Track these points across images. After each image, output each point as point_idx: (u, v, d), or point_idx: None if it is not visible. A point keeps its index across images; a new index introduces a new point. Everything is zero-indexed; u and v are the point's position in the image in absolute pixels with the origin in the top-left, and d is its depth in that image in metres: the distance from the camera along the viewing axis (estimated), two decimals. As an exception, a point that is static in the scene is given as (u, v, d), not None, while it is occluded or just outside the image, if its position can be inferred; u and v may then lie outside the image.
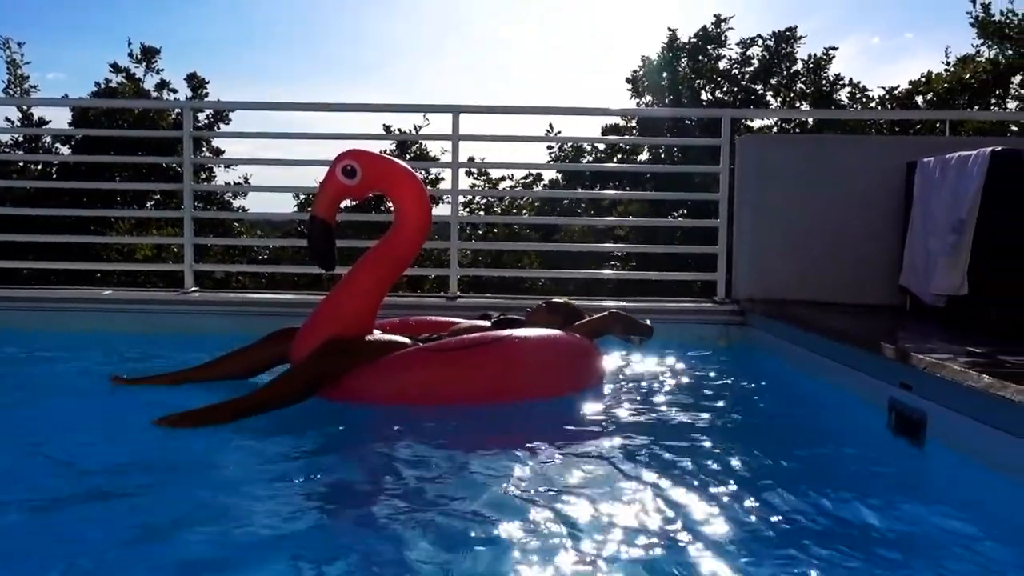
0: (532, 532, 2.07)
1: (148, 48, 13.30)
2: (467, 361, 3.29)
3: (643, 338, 3.79)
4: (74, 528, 2.09)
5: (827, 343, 3.66)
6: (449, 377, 3.25)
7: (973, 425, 2.48)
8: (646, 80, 14.87)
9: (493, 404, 3.28)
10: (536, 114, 8.56)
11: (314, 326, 3.32)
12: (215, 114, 12.29)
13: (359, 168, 3.36)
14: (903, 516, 2.23)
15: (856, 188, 4.88)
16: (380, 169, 3.49)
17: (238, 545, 2.02)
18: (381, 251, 3.50)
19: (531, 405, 3.33)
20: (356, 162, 3.37)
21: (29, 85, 12.86)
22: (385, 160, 3.62)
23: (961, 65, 13.45)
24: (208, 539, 2.04)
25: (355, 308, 3.38)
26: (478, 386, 3.28)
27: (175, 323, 4.90)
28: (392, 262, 3.53)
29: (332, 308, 3.40)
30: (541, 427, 3.11)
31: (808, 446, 2.93)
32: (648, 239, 8.11)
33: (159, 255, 10.63)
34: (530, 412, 3.30)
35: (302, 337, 3.31)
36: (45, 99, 13.37)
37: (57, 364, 4.10)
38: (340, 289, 3.47)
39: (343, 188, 3.38)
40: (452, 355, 3.30)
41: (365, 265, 3.47)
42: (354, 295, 3.41)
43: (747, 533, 2.08)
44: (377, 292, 3.47)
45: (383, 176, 3.50)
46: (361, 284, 3.43)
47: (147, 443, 2.78)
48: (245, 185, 11.46)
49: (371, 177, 3.43)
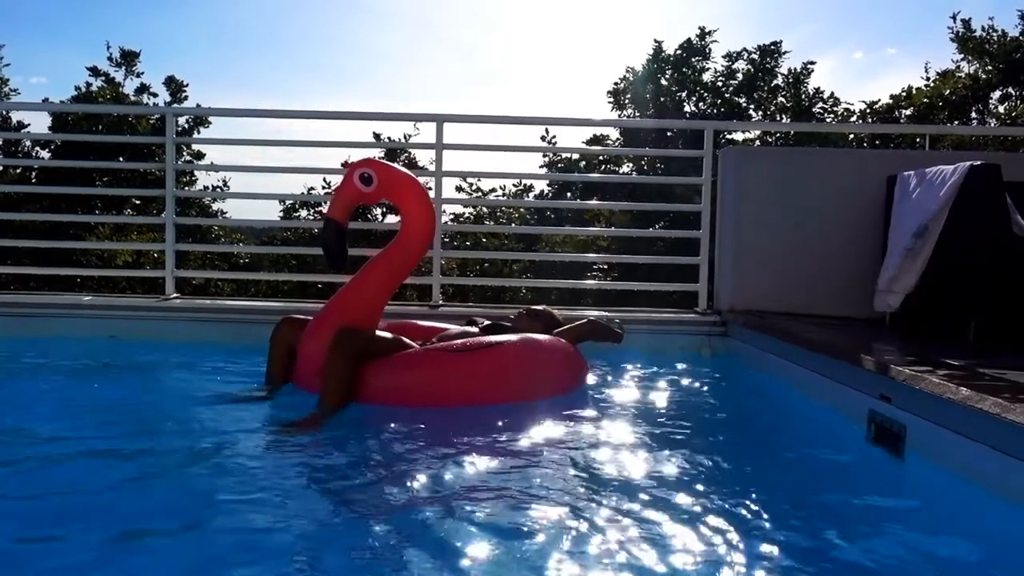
0: (520, 534, 2.10)
1: (127, 52, 13.22)
2: (495, 362, 3.45)
3: (615, 343, 3.98)
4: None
5: (808, 355, 3.69)
6: (476, 377, 3.40)
7: (952, 437, 2.50)
8: (629, 92, 14.94)
9: (500, 404, 3.42)
10: (521, 124, 8.56)
11: (323, 322, 3.47)
12: (195, 118, 12.23)
13: (375, 176, 3.58)
14: (882, 528, 2.25)
15: (837, 200, 4.93)
16: (393, 178, 3.67)
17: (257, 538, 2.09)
18: (387, 256, 3.68)
19: (526, 407, 3.43)
20: (372, 170, 3.59)
21: (9, 89, 12.77)
22: (397, 170, 3.78)
23: (941, 80, 13.60)
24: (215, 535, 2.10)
25: (362, 308, 3.55)
26: (502, 386, 3.46)
27: (156, 329, 4.88)
28: (397, 266, 3.70)
29: (340, 307, 3.55)
30: (539, 429, 3.20)
31: (788, 457, 2.96)
32: (630, 250, 8.13)
33: (138, 261, 10.54)
34: (527, 414, 3.36)
35: (310, 333, 3.48)
36: (23, 103, 13.24)
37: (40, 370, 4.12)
38: (347, 290, 3.61)
39: (359, 194, 3.58)
40: (476, 356, 3.43)
41: (372, 269, 3.64)
42: (361, 296, 3.58)
43: (724, 542, 2.08)
44: (382, 295, 3.66)
45: (394, 185, 3.67)
46: (368, 286, 3.61)
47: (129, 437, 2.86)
48: (227, 191, 11.41)
49: (384, 185, 3.62)
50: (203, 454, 2.77)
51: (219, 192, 11.34)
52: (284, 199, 10.76)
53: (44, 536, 2.06)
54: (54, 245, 8.47)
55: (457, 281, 8.79)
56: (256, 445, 2.93)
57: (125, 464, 2.66)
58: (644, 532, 2.13)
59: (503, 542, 2.05)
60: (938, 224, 3.82)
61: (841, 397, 3.28)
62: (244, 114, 6.53)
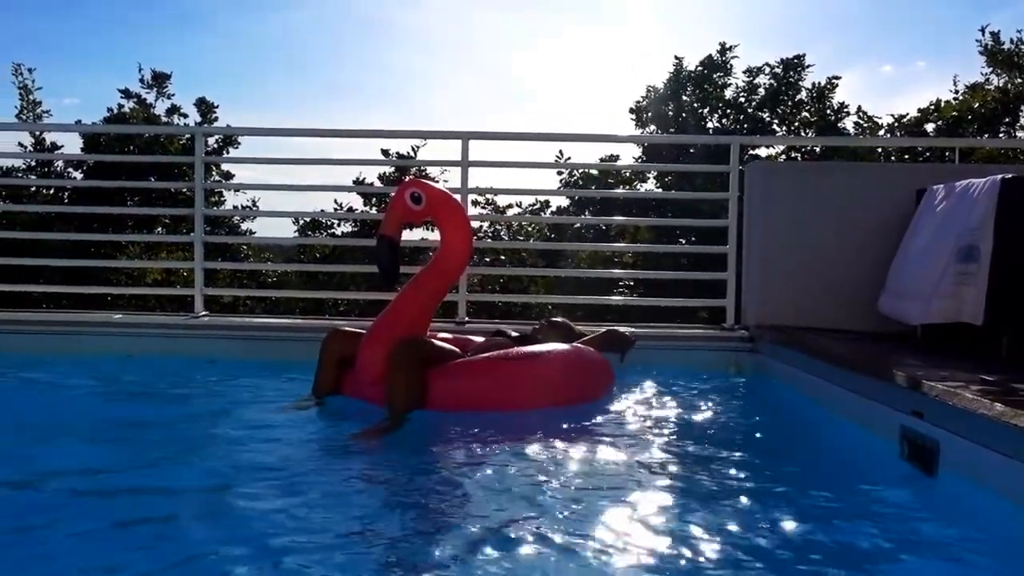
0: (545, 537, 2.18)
1: (159, 73, 13.41)
2: (546, 369, 3.66)
3: (629, 351, 4.32)
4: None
5: (838, 371, 3.65)
6: (531, 382, 3.60)
7: (987, 454, 2.46)
8: (650, 110, 14.90)
9: (544, 409, 3.59)
10: (543, 140, 8.58)
11: (379, 334, 3.65)
12: (224, 138, 12.37)
13: (424, 196, 3.81)
14: (916, 545, 2.22)
15: (866, 215, 4.89)
16: (439, 198, 3.90)
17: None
18: (431, 271, 3.90)
19: (564, 412, 3.59)
20: (422, 190, 3.83)
21: (41, 110, 12.98)
22: (442, 191, 4.01)
23: (970, 93, 13.48)
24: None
25: (411, 321, 3.73)
26: (552, 392, 3.64)
27: (186, 347, 4.92)
28: (441, 282, 3.92)
29: (393, 319, 3.72)
30: (581, 438, 3.30)
31: (819, 474, 2.92)
32: (656, 266, 8.11)
33: (168, 279, 10.65)
34: (566, 420, 3.50)
35: (368, 344, 3.64)
36: (56, 124, 13.45)
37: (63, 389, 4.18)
38: (398, 303, 3.81)
39: (409, 212, 3.81)
40: (530, 362, 3.64)
41: (418, 283, 3.86)
42: (410, 309, 3.78)
43: (757, 561, 2.06)
44: (428, 308, 3.87)
45: (440, 205, 3.90)
46: (415, 300, 3.82)
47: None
48: (255, 210, 11.52)
49: (432, 204, 3.85)
50: (277, 466, 2.85)
51: (247, 211, 11.45)
52: (308, 217, 10.85)
53: (132, 546, 2.14)
54: (85, 264, 8.60)
55: (484, 297, 8.79)
56: (328, 453, 3.12)
57: (196, 481, 2.71)
58: (673, 549, 2.12)
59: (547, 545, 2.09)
60: (987, 243, 3.72)
61: (872, 413, 3.24)
62: (270, 133, 6.59)
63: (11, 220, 10.51)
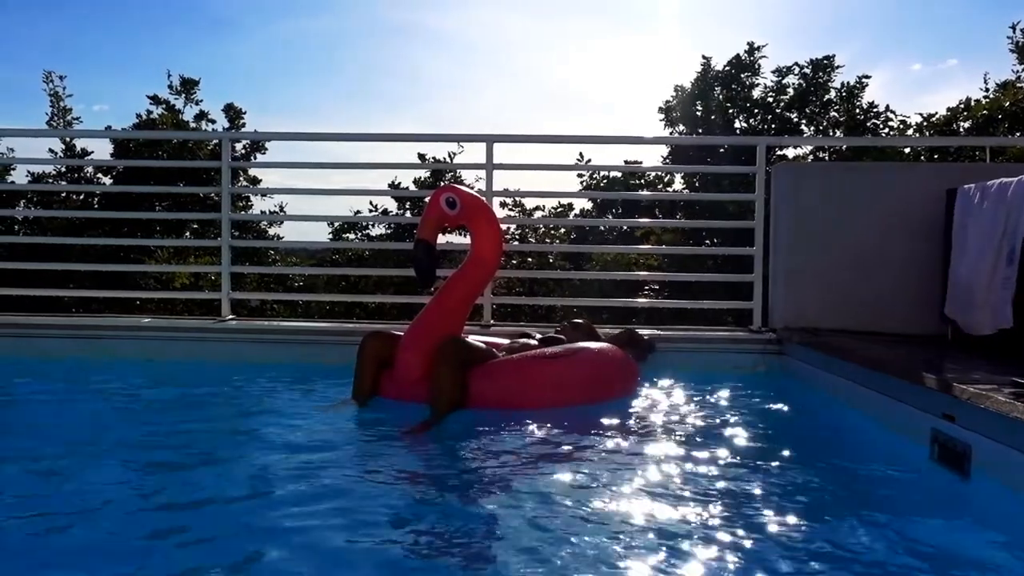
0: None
1: (187, 80, 13.54)
2: (581, 367, 3.80)
3: (648, 355, 4.47)
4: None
5: (867, 373, 3.61)
6: (567, 380, 3.74)
7: (1020, 457, 2.42)
8: (678, 110, 14.84)
9: (576, 406, 3.70)
10: (569, 143, 8.56)
11: (418, 335, 3.77)
12: (252, 144, 12.47)
13: (459, 201, 3.92)
14: (948, 548, 2.19)
15: (894, 215, 4.83)
16: (473, 203, 4.01)
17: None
18: (464, 274, 3.97)
19: (594, 410, 3.68)
20: (457, 196, 3.94)
21: (72, 117, 13.16)
22: (476, 196, 4.11)
23: (1001, 91, 13.28)
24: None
25: (447, 323, 3.84)
26: (586, 389, 3.78)
27: (213, 351, 4.96)
28: (474, 284, 4.01)
29: (431, 321, 3.83)
30: (614, 438, 3.35)
31: (849, 476, 2.89)
32: (682, 268, 8.06)
33: (196, 283, 10.75)
34: (596, 419, 3.55)
35: (408, 345, 3.76)
36: (86, 131, 13.62)
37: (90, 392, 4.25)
38: (434, 305, 3.91)
39: (444, 216, 3.91)
40: (568, 361, 3.78)
41: (452, 286, 3.94)
42: (445, 311, 3.88)
43: (786, 563, 2.04)
44: (464, 309, 3.97)
45: (474, 210, 4.00)
46: (449, 302, 3.91)
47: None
48: (282, 214, 11.60)
49: (466, 209, 3.95)
50: (330, 466, 2.90)
51: (274, 216, 11.53)
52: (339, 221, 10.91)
53: (181, 542, 2.21)
54: (115, 268, 8.71)
55: (510, 300, 8.78)
56: (376, 452, 3.20)
57: (245, 480, 2.74)
58: (702, 551, 2.10)
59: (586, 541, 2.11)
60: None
61: (902, 416, 3.20)
62: (295, 137, 6.64)
63: (42, 225, 10.68)
